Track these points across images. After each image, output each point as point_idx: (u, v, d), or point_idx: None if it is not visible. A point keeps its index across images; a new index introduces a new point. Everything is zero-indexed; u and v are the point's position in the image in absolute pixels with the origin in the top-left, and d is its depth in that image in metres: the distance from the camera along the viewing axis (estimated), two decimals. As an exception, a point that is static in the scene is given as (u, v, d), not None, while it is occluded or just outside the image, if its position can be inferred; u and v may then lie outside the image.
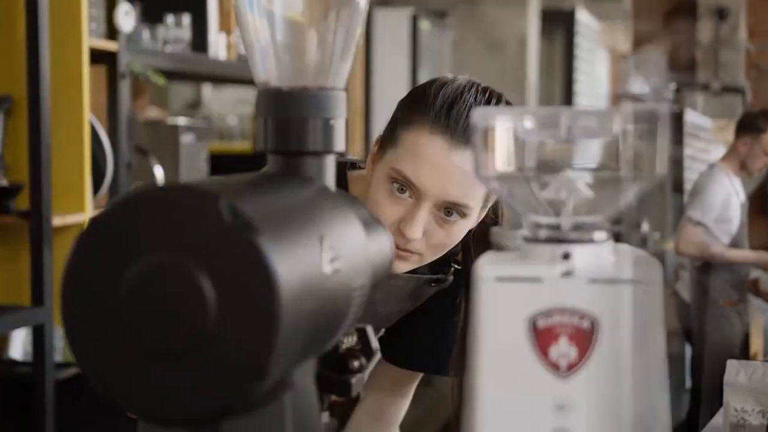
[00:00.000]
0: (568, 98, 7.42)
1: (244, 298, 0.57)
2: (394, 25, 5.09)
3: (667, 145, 0.64)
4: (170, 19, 3.05)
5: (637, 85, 4.47)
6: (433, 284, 1.43)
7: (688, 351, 4.99)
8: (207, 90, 5.84)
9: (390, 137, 1.29)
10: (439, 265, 1.42)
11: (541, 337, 0.64)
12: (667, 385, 0.65)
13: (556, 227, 0.67)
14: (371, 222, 0.81)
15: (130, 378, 0.59)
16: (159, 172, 2.93)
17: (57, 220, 2.38)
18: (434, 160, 1.23)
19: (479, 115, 0.66)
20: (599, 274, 0.64)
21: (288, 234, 0.61)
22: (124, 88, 2.68)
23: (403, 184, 1.24)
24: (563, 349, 0.64)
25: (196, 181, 0.62)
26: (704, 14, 8.54)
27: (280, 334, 0.57)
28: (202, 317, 0.57)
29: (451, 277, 1.43)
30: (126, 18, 2.62)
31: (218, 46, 3.27)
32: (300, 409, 0.68)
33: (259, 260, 0.57)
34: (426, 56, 5.13)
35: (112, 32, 2.64)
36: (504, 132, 0.67)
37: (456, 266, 1.43)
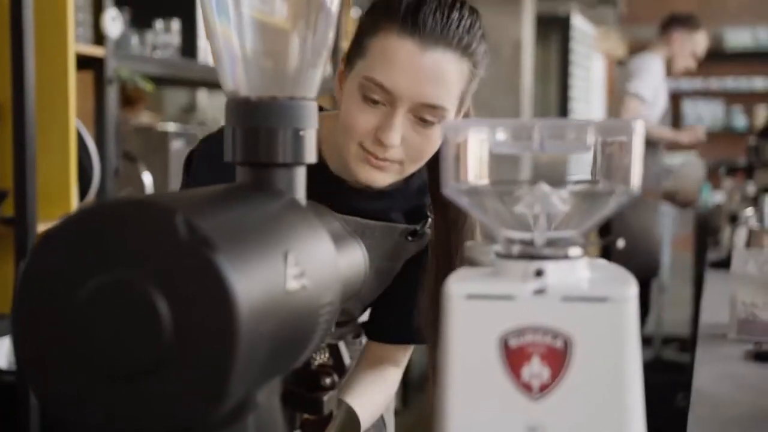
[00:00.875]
0: (563, 103, 7.40)
1: (200, 317, 0.55)
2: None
3: (641, 159, 0.62)
4: (159, 24, 3.02)
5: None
6: (410, 238, 1.41)
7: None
8: (202, 95, 5.81)
9: (357, 49, 1.28)
10: (416, 217, 1.42)
11: (513, 357, 0.62)
12: (643, 407, 0.63)
13: (530, 243, 0.65)
14: (344, 235, 0.78)
15: (84, 400, 0.57)
16: (148, 179, 2.90)
17: (42, 228, 2.35)
18: (406, 62, 1.22)
19: (449, 127, 0.64)
20: (573, 292, 0.62)
21: (249, 250, 0.59)
22: (112, 94, 2.65)
23: (375, 93, 1.23)
24: (535, 370, 0.62)
25: (156, 195, 0.60)
26: None
27: (238, 354, 0.55)
28: (157, 337, 0.55)
29: (428, 231, 1.42)
30: (113, 23, 2.59)
31: (208, 51, 3.25)
32: (265, 430, 0.65)
33: (215, 277, 0.54)
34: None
35: (99, 38, 2.61)
36: (475, 144, 0.65)
37: (431, 217, 1.42)
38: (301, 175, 0.74)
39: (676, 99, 9.47)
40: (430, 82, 1.22)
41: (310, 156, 0.74)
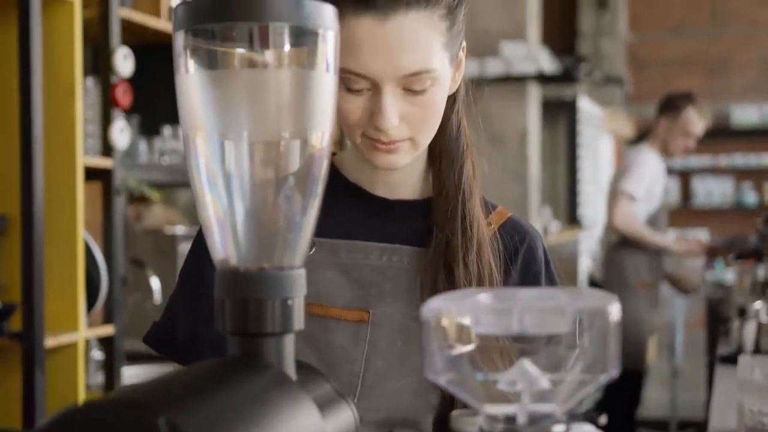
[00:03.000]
0: (572, 186, 7.42)
1: None
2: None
3: (618, 342, 0.63)
4: (167, 130, 3.07)
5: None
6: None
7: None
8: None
9: None
10: None
11: None
12: None
13: (512, 418, 0.65)
14: (333, 398, 0.79)
15: None
16: (156, 284, 2.92)
17: (50, 341, 2.35)
18: (368, 40, 1.15)
19: (429, 309, 0.65)
20: (555, 476, 0.62)
21: (232, 443, 0.59)
22: (119, 204, 2.68)
23: (355, 82, 1.17)
24: None
25: (139, 390, 0.60)
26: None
27: None
28: None
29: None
30: (121, 135, 2.63)
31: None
32: None
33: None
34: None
35: (107, 148, 2.65)
36: (455, 324, 0.66)
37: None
38: (289, 343, 0.75)
39: (685, 176, 9.52)
40: (402, 51, 1.16)
41: (299, 323, 0.75)
